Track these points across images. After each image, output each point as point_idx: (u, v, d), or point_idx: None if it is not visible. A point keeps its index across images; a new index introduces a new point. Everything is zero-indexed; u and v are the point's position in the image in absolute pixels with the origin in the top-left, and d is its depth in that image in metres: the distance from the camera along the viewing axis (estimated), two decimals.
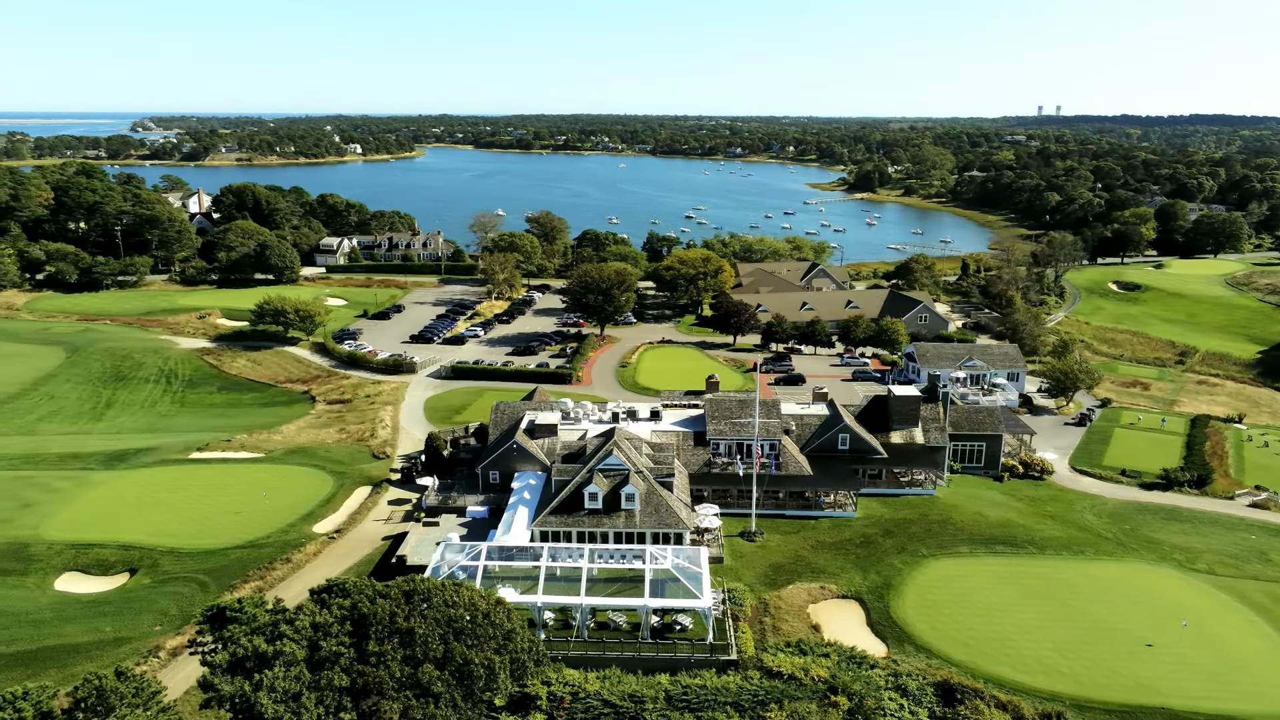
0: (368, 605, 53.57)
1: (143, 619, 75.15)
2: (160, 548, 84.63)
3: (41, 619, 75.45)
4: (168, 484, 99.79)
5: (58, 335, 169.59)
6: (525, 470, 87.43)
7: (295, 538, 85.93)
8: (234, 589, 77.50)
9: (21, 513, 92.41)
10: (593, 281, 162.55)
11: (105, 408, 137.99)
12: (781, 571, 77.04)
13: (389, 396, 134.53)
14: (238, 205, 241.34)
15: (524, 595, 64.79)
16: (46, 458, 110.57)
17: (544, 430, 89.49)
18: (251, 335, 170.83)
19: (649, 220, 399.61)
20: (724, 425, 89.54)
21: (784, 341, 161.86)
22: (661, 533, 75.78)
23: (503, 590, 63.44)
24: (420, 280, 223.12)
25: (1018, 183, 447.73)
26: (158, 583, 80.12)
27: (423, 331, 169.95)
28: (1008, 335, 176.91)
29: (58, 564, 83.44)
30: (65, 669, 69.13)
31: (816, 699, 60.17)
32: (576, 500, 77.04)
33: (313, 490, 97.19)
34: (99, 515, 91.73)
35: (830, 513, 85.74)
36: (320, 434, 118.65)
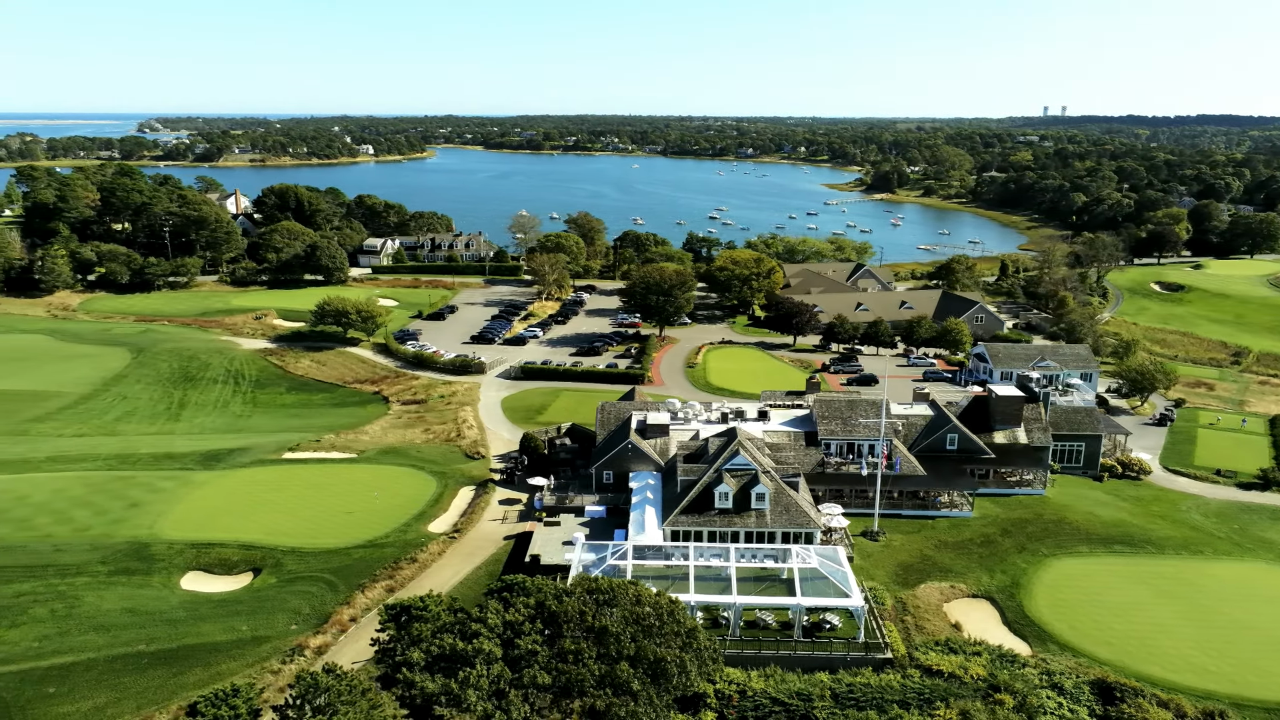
0: (556, 604, 54.02)
1: (277, 618, 75.57)
2: (281, 547, 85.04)
3: (175, 618, 75.90)
4: (270, 484, 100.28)
5: (119, 336, 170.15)
6: (640, 470, 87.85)
7: (414, 537, 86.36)
8: (365, 589, 78.00)
9: (132, 512, 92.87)
10: (654, 282, 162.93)
11: (179, 408, 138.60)
12: (911, 571, 77.50)
13: (464, 397, 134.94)
14: (280, 206, 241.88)
15: (675, 595, 65.12)
16: (140, 458, 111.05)
17: (655, 430, 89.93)
18: (310, 336, 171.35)
19: (673, 221, 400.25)
20: (835, 425, 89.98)
21: (845, 342, 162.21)
22: (792, 532, 76.21)
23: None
24: (466, 281, 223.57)
25: (1040, 183, 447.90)
26: (284, 582, 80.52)
27: (482, 332, 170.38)
28: (1062, 336, 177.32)
29: (180, 563, 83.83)
30: (210, 668, 69.73)
31: (979, 697, 60.60)
32: (706, 500, 77.48)
33: (418, 490, 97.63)
34: (210, 515, 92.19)
35: (947, 512, 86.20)
36: (406, 434, 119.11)
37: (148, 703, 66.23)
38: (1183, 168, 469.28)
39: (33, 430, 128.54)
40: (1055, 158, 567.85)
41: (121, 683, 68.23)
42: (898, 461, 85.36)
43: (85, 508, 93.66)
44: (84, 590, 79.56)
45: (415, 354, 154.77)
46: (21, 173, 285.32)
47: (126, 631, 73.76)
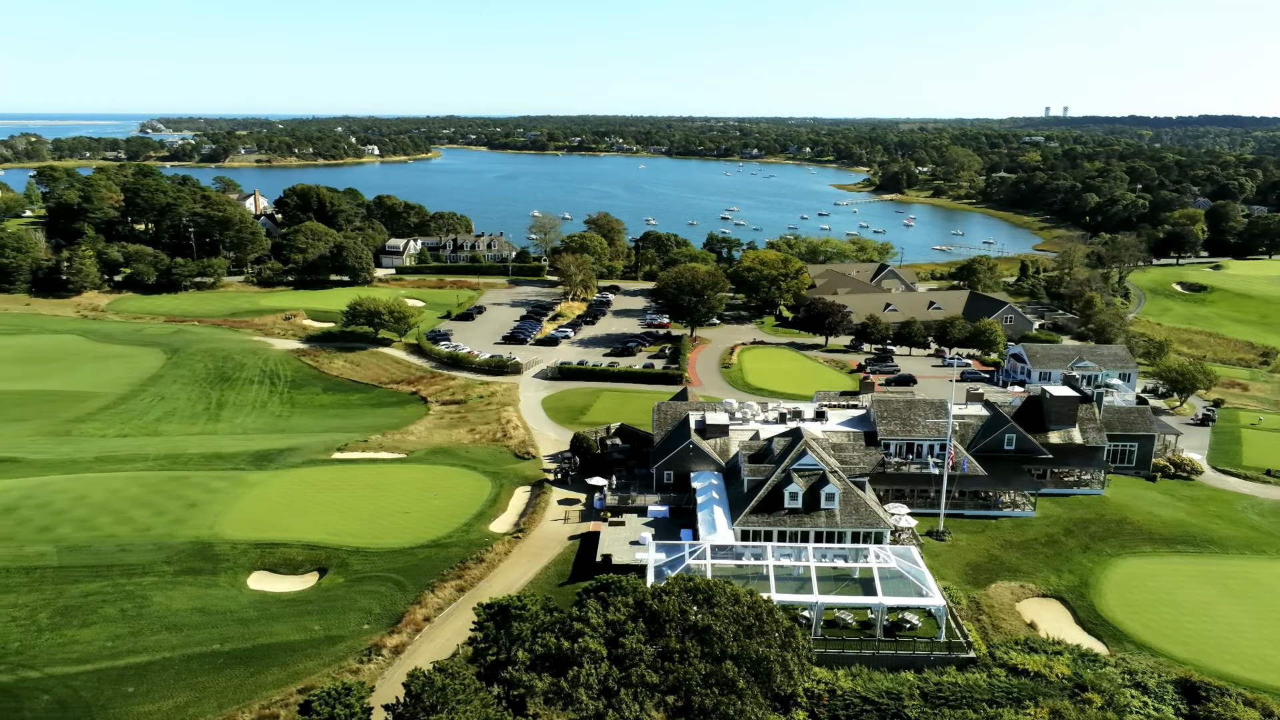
0: (656, 603, 54.23)
1: (348, 618, 75.72)
2: (345, 547, 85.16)
3: (247, 617, 76.05)
4: (325, 484, 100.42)
5: (152, 337, 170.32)
6: (701, 470, 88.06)
7: (477, 537, 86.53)
8: (434, 588, 78.17)
9: (191, 512, 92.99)
10: (686, 283, 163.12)
11: (217, 408, 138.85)
12: (980, 570, 77.72)
13: (503, 397, 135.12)
14: (302, 207, 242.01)
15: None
16: (191, 458, 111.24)
17: (715, 430, 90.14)
18: (340, 336, 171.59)
19: (685, 221, 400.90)
20: (894, 425, 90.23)
21: (878, 343, 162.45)
22: (862, 532, 76.41)
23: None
24: (490, 281, 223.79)
25: (1051, 184, 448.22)
26: (352, 582, 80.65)
27: (514, 332, 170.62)
28: (1091, 336, 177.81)
29: (245, 563, 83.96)
30: (286, 667, 69.99)
31: (1066, 696, 60.80)
32: (775, 500, 77.68)
33: (474, 490, 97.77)
34: (269, 515, 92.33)
35: (1009, 512, 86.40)
36: (451, 434, 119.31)
37: (228, 702, 66.43)
38: (1193, 168, 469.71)
39: (75, 430, 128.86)
40: (1064, 158, 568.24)
41: (199, 682, 68.45)
42: (964, 461, 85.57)
43: (144, 508, 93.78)
44: (151, 590, 79.74)
45: (450, 354, 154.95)
46: (41, 173, 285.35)
47: (199, 631, 73.94)
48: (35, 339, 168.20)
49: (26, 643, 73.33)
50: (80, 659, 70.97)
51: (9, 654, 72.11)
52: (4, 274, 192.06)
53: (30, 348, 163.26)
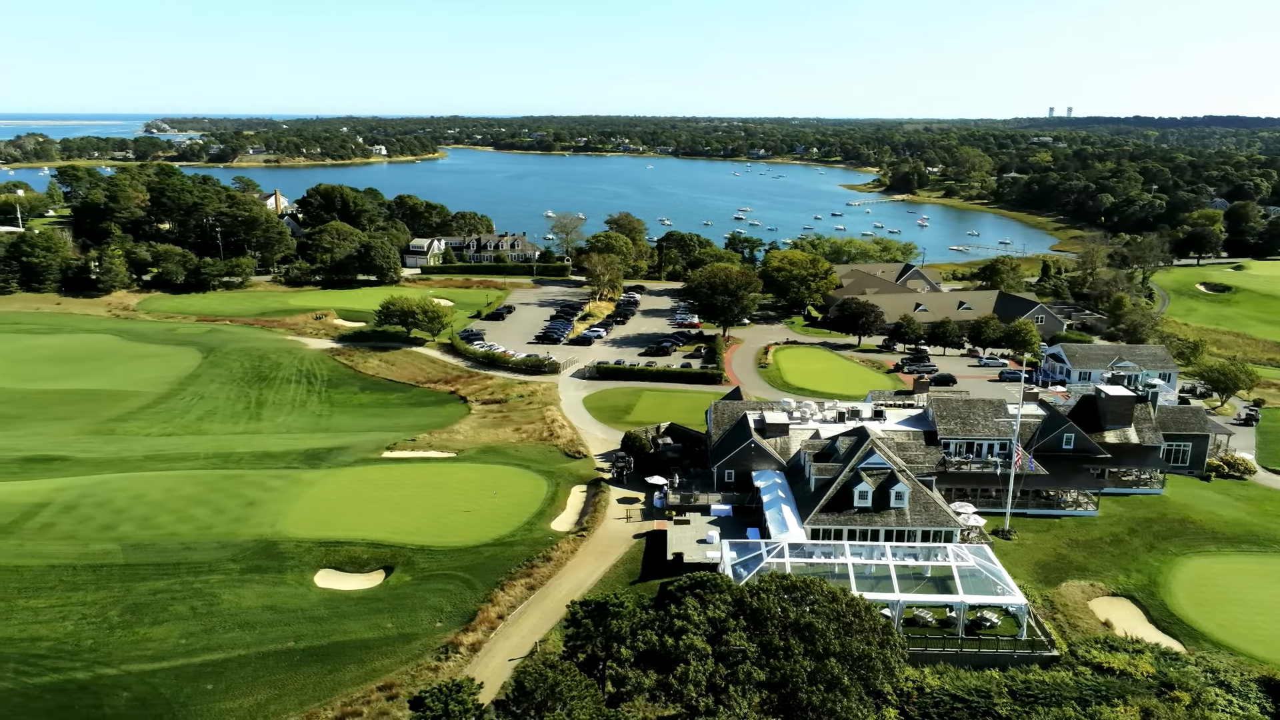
0: (755, 601, 54.44)
1: (419, 616, 75.91)
2: (409, 546, 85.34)
3: (317, 615, 76.26)
4: (380, 482, 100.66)
5: (185, 336, 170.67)
6: (763, 469, 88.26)
7: (541, 536, 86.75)
8: (504, 587, 78.27)
9: (251, 511, 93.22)
10: (720, 283, 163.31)
11: (257, 407, 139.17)
12: (1049, 569, 77.90)
13: (544, 397, 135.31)
14: (325, 206, 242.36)
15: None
16: (241, 457, 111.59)
17: (775, 430, 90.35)
18: (372, 336, 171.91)
19: (700, 221, 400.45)
20: (954, 425, 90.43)
21: (911, 343, 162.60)
22: (932, 531, 76.60)
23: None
24: (516, 281, 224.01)
25: (1064, 184, 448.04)
26: (420, 580, 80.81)
27: (546, 332, 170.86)
28: (1121, 336, 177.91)
29: (310, 561, 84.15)
30: (364, 665, 70.26)
31: (1153, 694, 60.95)
32: (845, 499, 77.88)
33: (530, 489, 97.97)
34: (329, 513, 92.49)
35: (1072, 511, 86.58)
36: (497, 433, 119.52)
37: (309, 699, 66.67)
38: (1207, 169, 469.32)
39: (119, 429, 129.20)
40: (1074, 159, 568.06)
41: (277, 679, 68.70)
42: (1030, 461, 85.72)
43: (203, 506, 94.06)
44: (219, 588, 79.98)
45: (486, 354, 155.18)
46: (63, 173, 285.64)
47: (272, 629, 74.17)
48: (70, 338, 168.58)
49: (99, 640, 73.62)
50: (155, 656, 71.22)
51: (83, 651, 72.43)
52: (34, 273, 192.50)
53: (66, 347, 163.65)
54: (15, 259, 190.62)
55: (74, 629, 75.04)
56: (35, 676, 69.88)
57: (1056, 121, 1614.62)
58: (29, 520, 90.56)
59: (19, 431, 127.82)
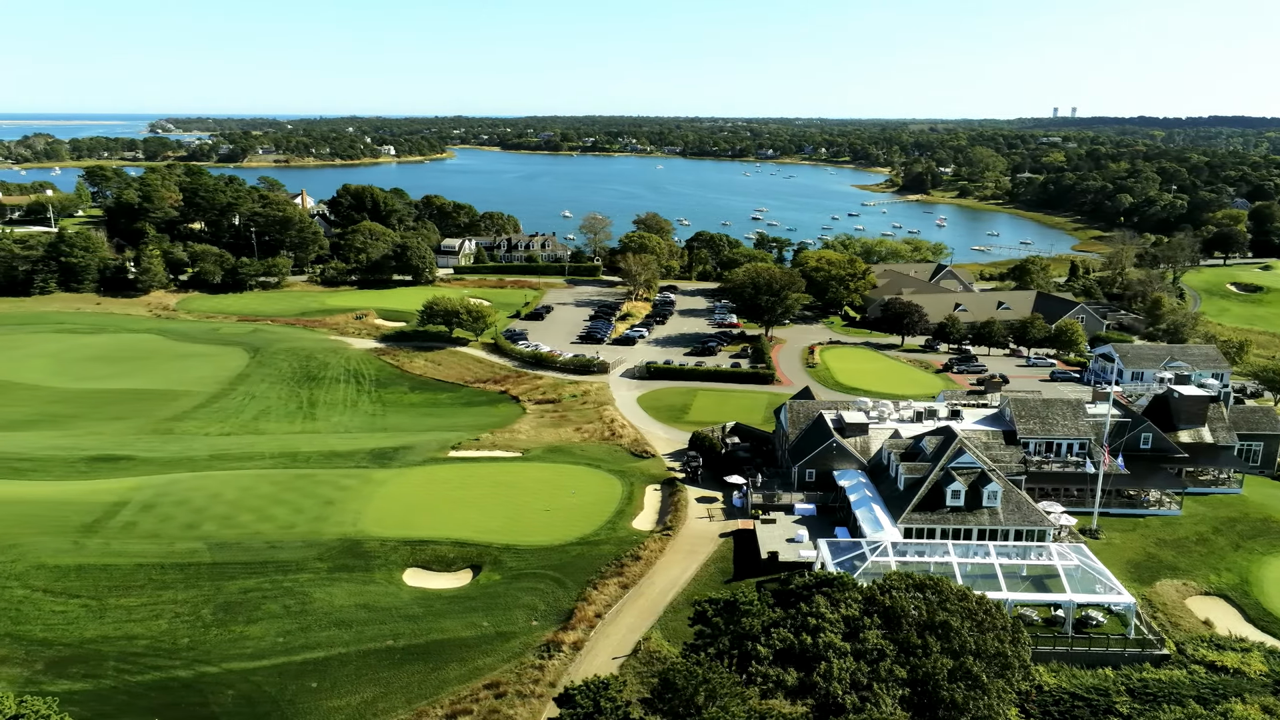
0: (888, 599, 54.69)
1: (514, 615, 76.11)
2: (495, 545, 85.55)
3: (412, 614, 76.52)
4: (453, 482, 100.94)
5: (229, 336, 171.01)
6: (844, 469, 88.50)
7: (626, 535, 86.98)
8: (597, 585, 78.42)
9: (330, 510, 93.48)
10: (764, 283, 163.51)
11: (310, 406, 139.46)
12: (1141, 568, 78.13)
13: (597, 396, 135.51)
14: (356, 206, 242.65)
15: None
16: (309, 456, 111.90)
17: (854, 429, 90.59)
18: (414, 336, 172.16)
19: (718, 222, 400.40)
20: (1033, 424, 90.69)
21: (955, 343, 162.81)
22: (1025, 530, 76.80)
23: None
24: (549, 281, 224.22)
25: (1080, 184, 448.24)
26: (510, 579, 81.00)
27: (589, 332, 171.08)
28: (1161, 336, 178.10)
29: (397, 560, 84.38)
30: (466, 663, 70.54)
31: (1269, 692, 61.17)
32: (936, 498, 78.12)
33: (604, 488, 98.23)
34: (408, 512, 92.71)
35: (1156, 511, 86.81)
36: (558, 433, 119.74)
37: (416, 697, 66.98)
38: (1224, 169, 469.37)
39: (177, 429, 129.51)
40: (1087, 159, 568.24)
41: (381, 678, 68.98)
42: (1122, 464, 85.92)
43: (282, 505, 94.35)
44: (309, 587, 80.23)
45: (533, 354, 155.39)
46: (90, 173, 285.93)
47: (368, 627, 74.45)
48: (114, 338, 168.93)
49: (196, 639, 73.93)
50: (254, 654, 71.51)
51: (180, 650, 72.74)
52: (72, 273, 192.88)
53: (111, 346, 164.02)
54: (54, 259, 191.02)
55: (168, 627, 75.34)
56: (137, 675, 70.19)
57: (1061, 122, 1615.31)
58: (111, 519, 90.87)
59: (77, 430, 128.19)
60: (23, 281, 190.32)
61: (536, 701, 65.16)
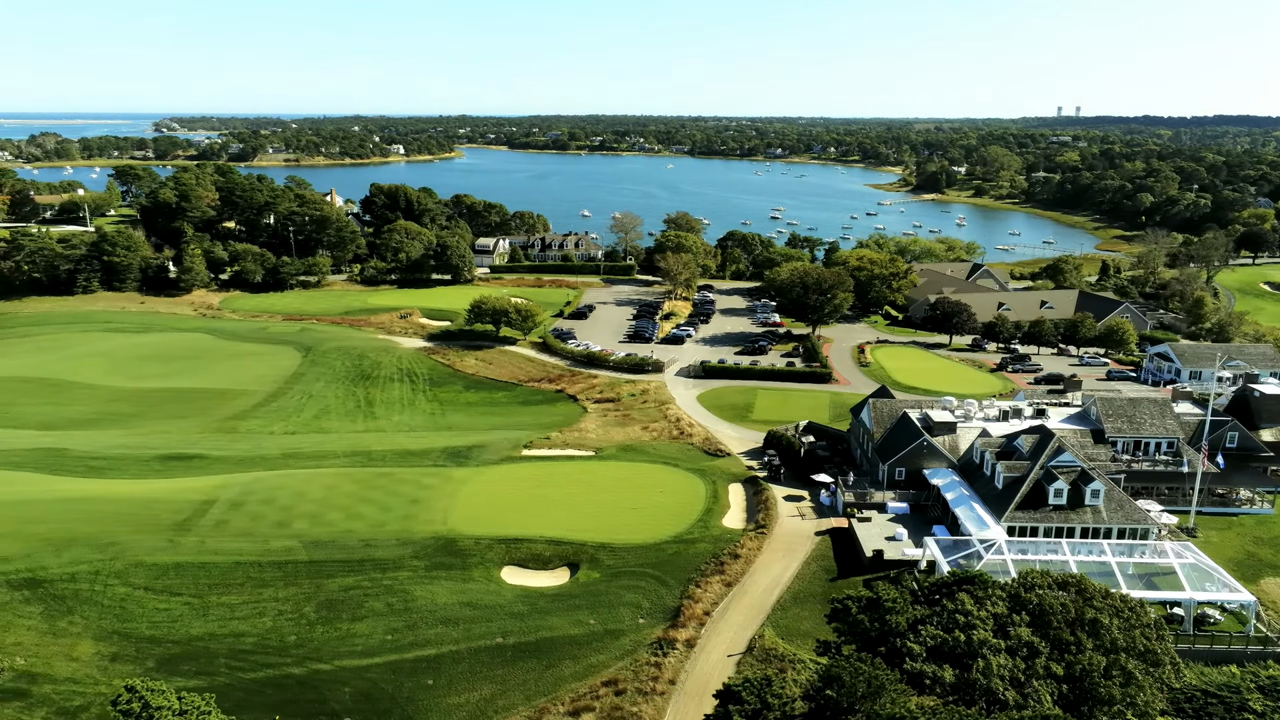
0: (1035, 596, 54.96)
1: (619, 612, 76.33)
2: (589, 543, 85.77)
3: (517, 612, 76.78)
4: (535, 480, 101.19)
5: (278, 335, 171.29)
6: (935, 467, 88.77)
7: (720, 533, 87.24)
8: (700, 584, 78.67)
9: (416, 508, 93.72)
10: (813, 282, 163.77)
11: (369, 405, 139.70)
12: (1244, 567, 78.30)
13: (656, 395, 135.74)
14: (390, 206, 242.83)
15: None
16: (385, 454, 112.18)
17: (943, 427, 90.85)
18: (460, 335, 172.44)
19: (738, 221, 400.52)
20: (1121, 423, 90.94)
21: (1004, 342, 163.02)
22: (1128, 529, 77.04)
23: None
24: (586, 280, 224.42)
25: (1098, 184, 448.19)
26: (609, 577, 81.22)
27: (636, 331, 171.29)
28: (1204, 335, 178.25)
29: (493, 558, 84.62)
30: (579, 660, 70.86)
31: None
32: (1038, 496, 78.37)
33: (687, 486, 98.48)
34: (495, 511, 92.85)
35: (1248, 509, 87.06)
36: (626, 432, 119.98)
37: (535, 694, 67.27)
38: (1242, 168, 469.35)
39: (240, 428, 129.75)
40: (1101, 158, 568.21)
41: (496, 675, 69.26)
42: (1221, 464, 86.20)
43: (368, 504, 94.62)
44: (409, 585, 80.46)
45: (586, 353, 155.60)
46: (120, 172, 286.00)
47: (475, 625, 74.72)
48: (163, 337, 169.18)
49: (302, 636, 74.18)
50: (364, 652, 71.78)
51: (288, 647, 73.01)
52: (114, 272, 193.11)
53: (162, 345, 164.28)
54: (96, 258, 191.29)
55: (273, 625, 75.60)
56: (249, 672, 70.50)
57: (1066, 121, 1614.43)
58: (201, 517, 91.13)
59: (141, 429, 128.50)
60: (65, 281, 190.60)
61: (659, 699, 65.50)
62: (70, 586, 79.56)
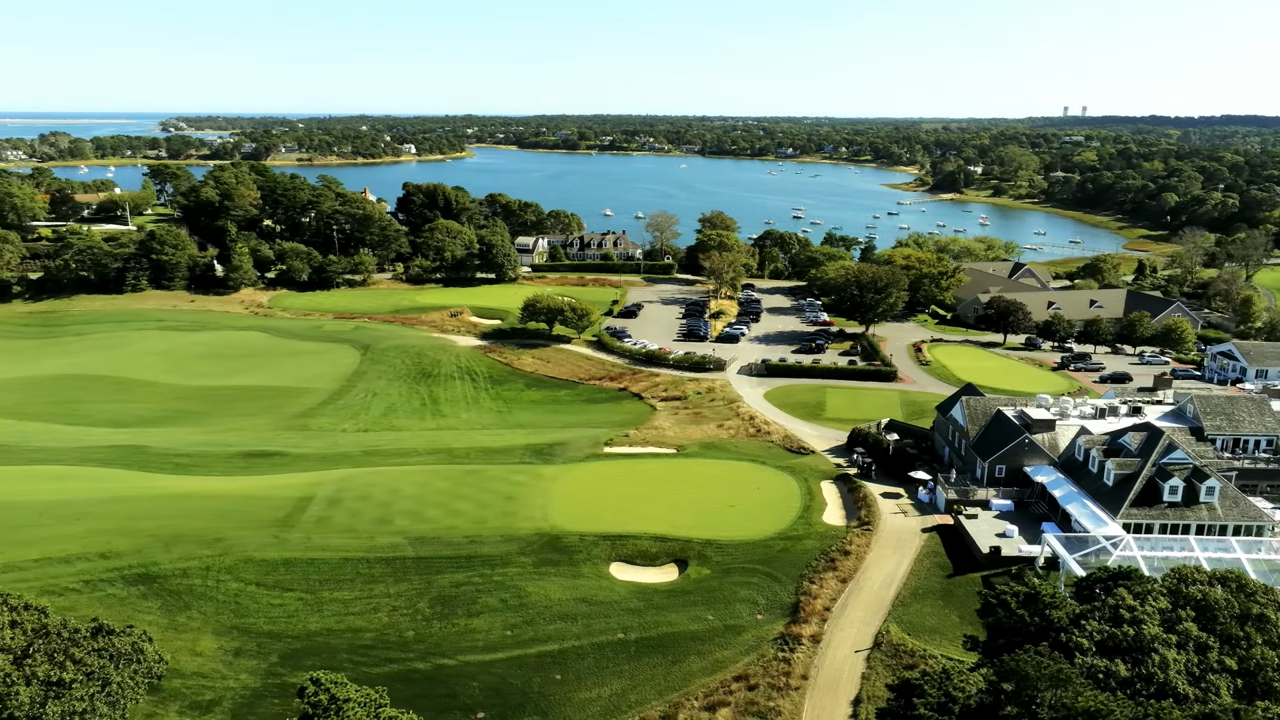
0: (1197, 591, 55.14)
1: (736, 609, 76.48)
2: (695, 540, 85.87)
3: (634, 608, 76.89)
4: (624, 477, 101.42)
5: (332, 333, 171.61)
6: (1036, 464, 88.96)
7: (824, 530, 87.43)
8: (814, 580, 78.85)
9: (513, 505, 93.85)
10: (869, 281, 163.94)
11: (434, 403, 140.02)
12: None
13: (723, 394, 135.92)
14: (429, 205, 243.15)
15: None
16: (467, 452, 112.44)
17: (1041, 425, 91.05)
18: (512, 333, 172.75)
19: (761, 221, 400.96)
20: (1220, 421, 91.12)
21: (1062, 340, 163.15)
22: (1244, 525, 77.18)
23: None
24: (628, 280, 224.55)
25: (1120, 183, 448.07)
26: (720, 574, 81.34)
27: (690, 330, 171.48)
28: (1254, 334, 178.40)
29: (599, 555, 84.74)
30: (705, 656, 71.12)
31: None
32: (1152, 493, 78.54)
33: (779, 483, 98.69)
34: (592, 507, 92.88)
35: None
36: (702, 430, 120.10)
37: (666, 689, 67.53)
38: (1264, 168, 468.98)
39: (311, 425, 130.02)
40: (1119, 158, 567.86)
41: (623, 670, 69.50)
42: None
43: (463, 500, 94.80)
44: (520, 581, 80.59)
45: (645, 352, 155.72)
46: (154, 171, 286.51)
47: (594, 621, 74.90)
48: (219, 335, 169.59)
49: (420, 632, 74.46)
50: (486, 647, 71.99)
51: (409, 643, 73.31)
52: (162, 271, 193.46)
53: (220, 344, 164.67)
54: (145, 256, 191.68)
55: (389, 620, 75.84)
56: (374, 667, 70.71)
57: (1073, 121, 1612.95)
58: (301, 514, 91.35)
59: (214, 427, 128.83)
60: (114, 279, 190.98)
61: (795, 694, 65.70)
62: (184, 582, 79.79)
